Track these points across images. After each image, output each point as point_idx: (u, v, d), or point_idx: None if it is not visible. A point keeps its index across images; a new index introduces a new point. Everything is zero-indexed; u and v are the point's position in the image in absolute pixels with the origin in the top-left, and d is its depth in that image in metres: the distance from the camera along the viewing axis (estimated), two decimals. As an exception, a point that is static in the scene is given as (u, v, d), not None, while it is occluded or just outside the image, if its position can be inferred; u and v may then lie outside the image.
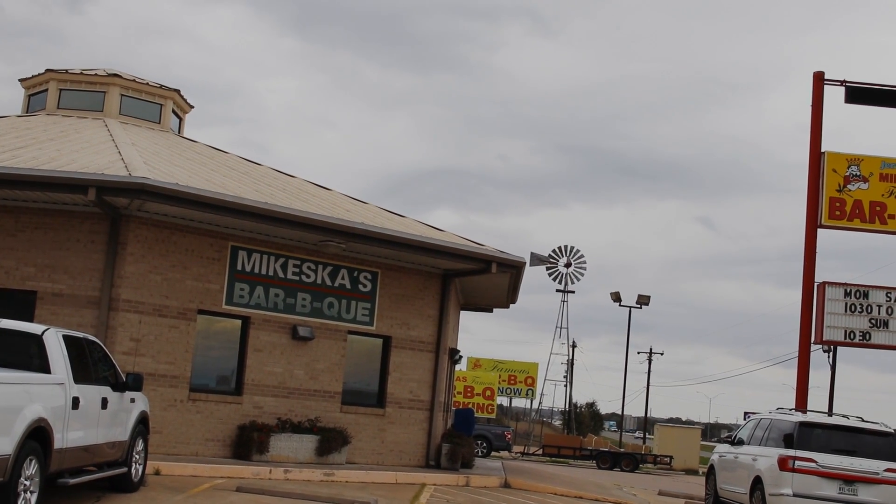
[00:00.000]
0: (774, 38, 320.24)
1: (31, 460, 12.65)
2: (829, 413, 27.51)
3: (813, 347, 29.31)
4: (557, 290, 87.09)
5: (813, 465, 21.11)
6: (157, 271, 23.25)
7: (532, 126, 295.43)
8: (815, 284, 27.83)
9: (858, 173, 27.76)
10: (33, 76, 31.68)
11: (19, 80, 32.41)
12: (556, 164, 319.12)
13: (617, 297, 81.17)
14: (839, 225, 27.85)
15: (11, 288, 22.59)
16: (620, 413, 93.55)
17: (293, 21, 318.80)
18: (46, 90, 31.10)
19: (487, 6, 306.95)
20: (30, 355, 14.19)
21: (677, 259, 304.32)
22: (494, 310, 41.24)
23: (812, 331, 27.75)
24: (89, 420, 14.88)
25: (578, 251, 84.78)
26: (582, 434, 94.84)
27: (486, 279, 30.49)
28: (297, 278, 25.63)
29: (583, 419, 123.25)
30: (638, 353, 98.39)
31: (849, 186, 27.72)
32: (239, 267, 24.64)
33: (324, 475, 23.23)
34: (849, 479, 21.11)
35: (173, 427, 23.37)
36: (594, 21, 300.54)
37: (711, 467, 25.92)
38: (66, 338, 14.77)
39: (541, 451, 64.16)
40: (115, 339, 22.41)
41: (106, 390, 15.79)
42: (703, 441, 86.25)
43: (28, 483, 12.65)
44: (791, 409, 24.26)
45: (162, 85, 31.89)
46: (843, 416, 23.35)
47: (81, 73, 31.03)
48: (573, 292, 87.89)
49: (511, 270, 29.06)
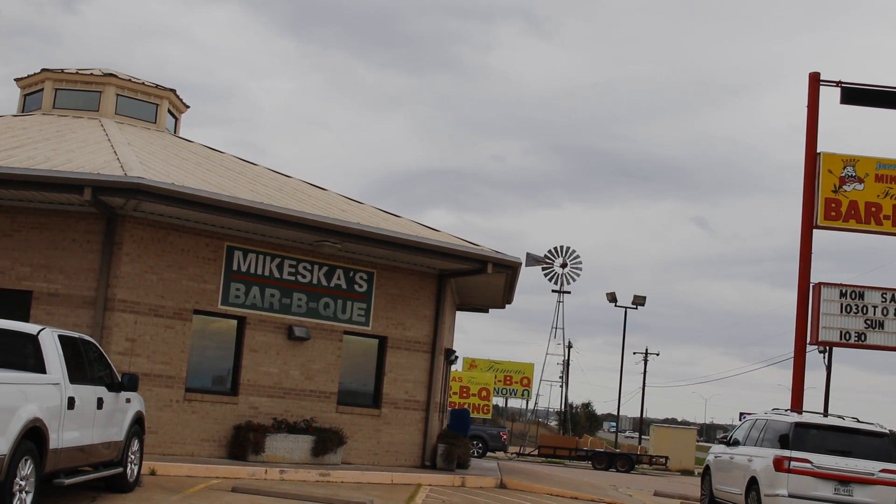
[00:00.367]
0: (768, 39, 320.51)
1: (26, 460, 12.62)
2: (825, 414, 27.57)
3: (809, 348, 29.34)
4: (553, 291, 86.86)
5: (808, 465, 21.12)
6: (153, 271, 23.24)
7: (527, 127, 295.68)
8: (811, 285, 27.84)
9: (854, 174, 27.78)
10: (29, 76, 31.62)
11: (15, 79, 32.38)
12: (551, 164, 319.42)
13: (613, 298, 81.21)
14: (835, 226, 27.86)
15: (7, 288, 22.57)
16: (616, 413, 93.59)
17: (288, 21, 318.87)
18: (42, 90, 31.04)
19: (482, 7, 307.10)
20: (25, 355, 14.16)
21: (673, 260, 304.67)
22: (490, 310, 41.25)
23: (808, 331, 27.76)
24: (85, 420, 14.85)
25: (574, 252, 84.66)
26: (578, 435, 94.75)
27: (482, 279, 30.49)
28: (292, 278, 25.62)
29: (579, 420, 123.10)
30: (634, 353, 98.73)
31: (844, 187, 27.74)
32: (235, 267, 24.63)
33: (319, 475, 23.22)
34: (844, 480, 21.12)
35: (169, 427, 23.36)
36: (588, 22, 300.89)
37: (707, 468, 25.94)
38: (61, 338, 14.74)
39: (536, 452, 64.11)
40: (111, 339, 22.40)
41: (101, 390, 15.76)
42: (699, 441, 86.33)
43: (23, 483, 12.62)
44: (786, 410, 24.27)
45: (158, 85, 31.86)
46: (839, 416, 23.37)
47: (77, 73, 30.99)
48: (569, 293, 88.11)
49: (507, 271, 29.05)
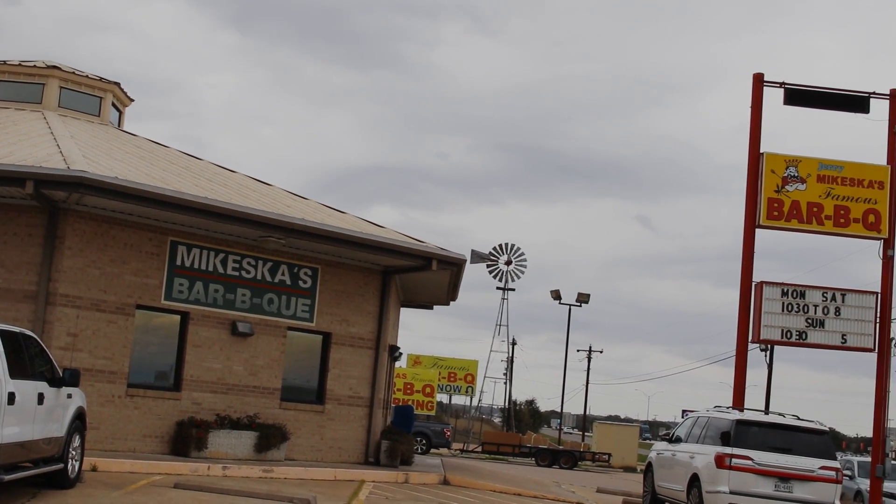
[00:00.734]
0: (710, 39, 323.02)
1: (-35, 456, 12.50)
2: (766, 411, 27.77)
3: (750, 346, 29.54)
4: (498, 288, 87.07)
5: (749, 462, 21.30)
6: (96, 266, 23.05)
7: (470, 124, 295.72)
8: (753, 284, 28.05)
9: (796, 174, 28.03)
10: (-30, 67, 31.23)
11: (-45, 71, 31.95)
12: (495, 162, 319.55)
13: (557, 296, 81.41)
14: (777, 225, 28.09)
15: (-54, 281, 22.30)
16: (560, 410, 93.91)
17: (231, 16, 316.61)
18: (-18, 81, 30.68)
19: (427, 4, 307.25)
20: (-36, 350, 14.03)
21: (616, 258, 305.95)
22: (435, 307, 41.29)
23: (749, 330, 27.97)
24: (25, 416, 14.72)
25: (519, 249, 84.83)
26: (521, 431, 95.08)
27: (427, 276, 30.52)
28: (236, 274, 25.51)
29: (522, 417, 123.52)
30: (577, 350, 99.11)
31: (787, 187, 27.97)
32: (178, 262, 24.49)
33: (262, 472, 23.14)
34: (784, 477, 21.33)
35: (111, 423, 23.18)
36: (532, 21, 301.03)
37: (649, 465, 26.08)
38: (1, 332, 14.60)
39: (480, 449, 64.22)
40: (52, 333, 22.19)
41: (42, 386, 15.63)
42: (646, 439, 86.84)
43: (-38, 479, 12.50)
44: (728, 408, 24.47)
45: (102, 78, 31.59)
46: (780, 414, 23.58)
47: (20, 65, 30.65)
48: (513, 290, 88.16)
49: (451, 268, 29.11)
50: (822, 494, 21.41)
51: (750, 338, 28.13)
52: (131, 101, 33.28)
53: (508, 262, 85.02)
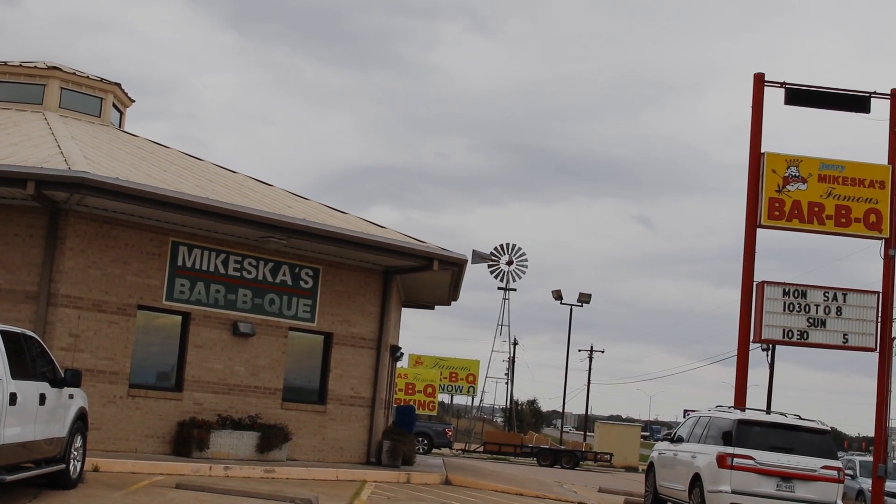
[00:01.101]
0: (709, 39, 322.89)
1: (-34, 457, 12.50)
2: (768, 411, 27.81)
3: (752, 346, 29.56)
4: (499, 288, 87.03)
5: (751, 462, 21.29)
6: (97, 266, 23.05)
7: (469, 124, 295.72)
8: (754, 283, 28.05)
9: (797, 174, 28.03)
10: (-29, 68, 31.23)
11: (-44, 72, 31.94)
12: (494, 162, 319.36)
13: (558, 296, 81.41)
14: (778, 225, 28.08)
15: (-53, 282, 22.31)
16: (561, 410, 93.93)
17: (230, 17, 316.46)
18: (-17, 82, 30.69)
19: (425, 4, 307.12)
20: (-34, 351, 14.02)
21: (616, 258, 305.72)
22: (436, 307, 41.28)
23: (751, 329, 27.97)
24: (27, 416, 14.72)
25: (520, 249, 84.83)
26: (523, 431, 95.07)
27: (428, 276, 30.52)
28: (238, 274, 25.51)
29: (524, 416, 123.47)
30: (579, 350, 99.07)
31: (788, 187, 27.97)
32: (179, 262, 24.49)
33: (264, 472, 23.13)
34: (786, 476, 21.32)
35: (112, 423, 23.18)
36: (531, 21, 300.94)
37: (651, 464, 26.07)
38: (3, 333, 14.59)
39: (482, 449, 64.26)
40: (54, 334, 22.19)
41: (44, 386, 15.63)
42: (647, 439, 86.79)
43: (-36, 480, 12.50)
44: (730, 407, 24.46)
45: (102, 79, 31.59)
46: (781, 413, 23.58)
47: (21, 66, 30.66)
48: (515, 290, 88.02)
49: (453, 268, 29.10)
50: (823, 494, 21.41)
51: (751, 337, 28.13)
52: (132, 101, 33.29)
53: (510, 263, 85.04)
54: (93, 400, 21.28)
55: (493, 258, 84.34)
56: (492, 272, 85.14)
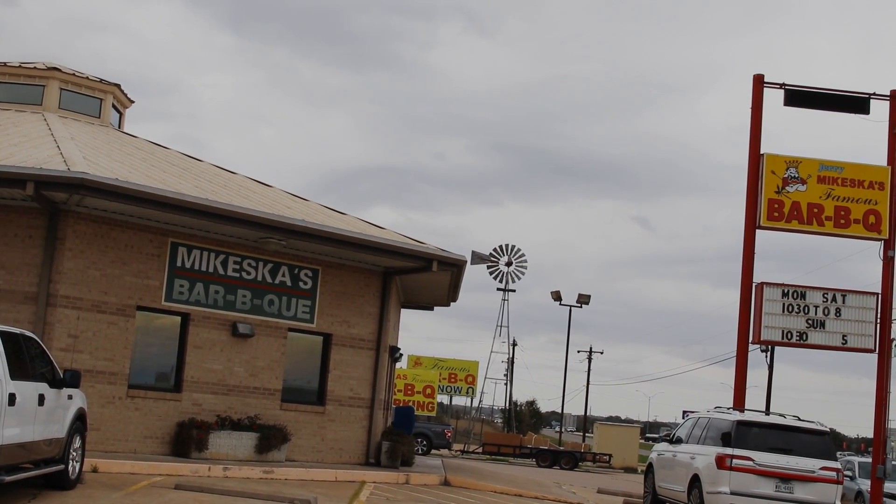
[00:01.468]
0: (706, 40, 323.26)
1: (-35, 457, 12.50)
2: (767, 412, 27.78)
3: (751, 347, 29.57)
4: (498, 289, 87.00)
5: (750, 463, 21.31)
6: (96, 267, 23.05)
7: (468, 125, 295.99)
8: (754, 285, 28.06)
9: (797, 175, 28.03)
10: (-30, 69, 31.22)
11: (-45, 72, 31.92)
12: (492, 162, 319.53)
13: (557, 297, 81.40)
14: (777, 226, 28.09)
15: (-53, 283, 22.30)
16: (560, 411, 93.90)
17: (228, 17, 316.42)
18: (-18, 83, 30.67)
19: (423, 5, 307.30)
20: (-35, 352, 14.02)
21: (615, 259, 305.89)
22: (435, 308, 41.28)
23: (750, 330, 27.98)
24: (26, 417, 14.72)
25: (519, 250, 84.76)
26: (522, 432, 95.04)
27: (427, 277, 30.51)
28: (237, 275, 25.51)
29: (523, 417, 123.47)
30: (578, 351, 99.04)
31: (787, 188, 27.98)
32: (179, 263, 24.48)
33: (263, 473, 23.14)
34: (785, 478, 21.34)
35: (111, 424, 23.18)
36: (530, 21, 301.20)
37: (650, 465, 26.09)
38: (2, 333, 14.60)
39: (481, 450, 64.18)
40: (53, 335, 22.19)
41: (43, 387, 15.63)
42: (649, 439, 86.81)
43: (-37, 480, 12.49)
44: (729, 408, 24.47)
45: (102, 79, 31.59)
46: (780, 415, 23.59)
47: (20, 66, 30.66)
48: (514, 291, 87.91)
49: (452, 269, 29.10)
50: (822, 495, 21.43)
51: (750, 339, 28.14)
52: (131, 102, 33.28)
53: (509, 264, 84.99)
54: (92, 401, 21.28)
55: (493, 259, 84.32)
56: (491, 273, 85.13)
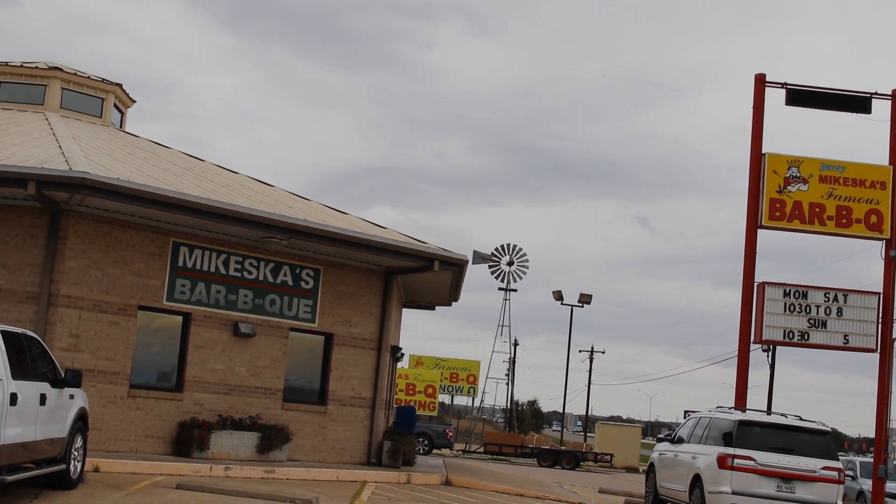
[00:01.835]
0: (706, 40, 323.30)
1: (-33, 457, 12.50)
2: (768, 412, 27.80)
3: (752, 347, 29.56)
4: (500, 289, 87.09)
5: (751, 463, 21.29)
6: (98, 267, 23.04)
7: (468, 125, 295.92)
8: (755, 284, 28.05)
9: (798, 175, 28.02)
10: (-29, 68, 31.22)
11: (-43, 72, 31.91)
12: (493, 162, 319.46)
13: (559, 296, 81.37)
14: (779, 226, 28.07)
15: (-52, 282, 22.30)
16: (562, 411, 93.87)
17: (228, 17, 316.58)
18: (-16, 83, 30.68)
19: (423, 5, 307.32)
20: (-34, 351, 14.02)
21: (615, 258, 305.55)
22: (437, 307, 41.27)
23: (752, 330, 27.96)
24: (27, 416, 14.72)
25: (521, 250, 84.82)
26: (523, 432, 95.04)
27: (429, 277, 30.50)
28: (238, 275, 25.50)
29: (524, 417, 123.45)
30: (579, 351, 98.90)
31: (789, 188, 27.96)
32: (180, 263, 24.48)
33: (265, 472, 23.13)
34: (786, 477, 21.32)
35: (113, 424, 23.18)
36: (530, 21, 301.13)
37: (651, 465, 26.07)
38: (3, 333, 14.60)
39: (482, 449, 64.19)
40: (55, 334, 22.19)
41: (45, 386, 15.63)
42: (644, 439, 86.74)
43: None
44: (730, 408, 24.45)
45: (104, 79, 31.59)
46: (782, 414, 23.57)
47: (22, 66, 30.66)
48: (515, 290, 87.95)
49: (453, 268, 29.09)
50: (824, 495, 21.40)
51: (752, 338, 28.14)
52: (133, 102, 33.29)
53: (510, 263, 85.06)
54: (93, 400, 21.29)
55: (494, 259, 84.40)
56: (492, 273, 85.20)
